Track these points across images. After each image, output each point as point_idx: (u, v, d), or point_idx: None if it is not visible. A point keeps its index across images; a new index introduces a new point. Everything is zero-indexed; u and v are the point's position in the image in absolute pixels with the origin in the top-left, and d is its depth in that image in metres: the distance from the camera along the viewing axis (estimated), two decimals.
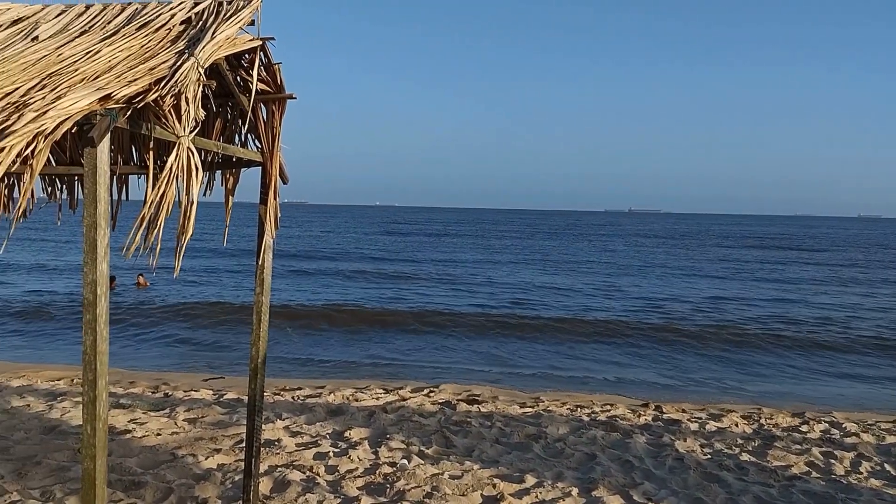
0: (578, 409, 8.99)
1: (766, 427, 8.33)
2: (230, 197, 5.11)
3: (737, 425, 8.36)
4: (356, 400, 9.06)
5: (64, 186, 5.44)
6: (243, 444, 6.63)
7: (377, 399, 9.18)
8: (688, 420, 8.55)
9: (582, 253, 45.95)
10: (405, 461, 6.46)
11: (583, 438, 7.49)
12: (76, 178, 5.41)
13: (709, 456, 7.06)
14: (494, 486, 5.91)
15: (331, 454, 6.60)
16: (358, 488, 5.76)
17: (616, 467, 6.58)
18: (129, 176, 5.26)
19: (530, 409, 8.87)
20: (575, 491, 5.89)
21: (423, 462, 6.45)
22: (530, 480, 6.09)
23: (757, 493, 6.04)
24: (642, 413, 8.90)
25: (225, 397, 8.94)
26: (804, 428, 8.34)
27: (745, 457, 7.06)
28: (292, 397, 9.12)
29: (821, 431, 8.20)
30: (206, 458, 6.29)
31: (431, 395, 9.67)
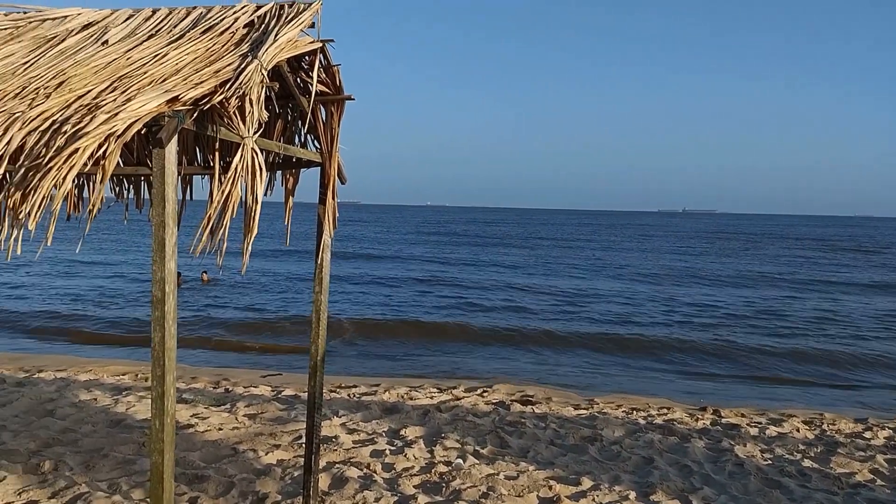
0: (634, 412, 8.87)
1: (828, 433, 8.09)
2: (290, 197, 5.19)
3: (798, 431, 8.14)
4: (410, 398, 9.11)
5: (131, 186, 5.60)
6: (302, 441, 6.75)
7: (431, 398, 9.21)
8: (747, 425, 8.36)
9: (639, 256, 44.16)
10: (460, 460, 6.47)
11: (639, 442, 7.38)
12: (143, 178, 5.57)
13: (770, 462, 6.89)
14: (550, 487, 5.87)
15: (387, 452, 6.64)
16: (414, 486, 5.79)
17: (674, 472, 6.47)
18: (193, 176, 5.39)
19: (585, 411, 8.79)
20: (632, 495, 5.80)
21: (478, 462, 6.45)
22: (587, 483, 6.02)
23: (820, 500, 5.87)
24: (700, 417, 8.74)
25: (283, 394, 9.09)
26: (868, 434, 8.08)
27: (807, 463, 6.86)
28: (348, 395, 9.22)
29: (885, 438, 7.93)
30: (265, 454, 6.40)
31: (485, 395, 9.66)
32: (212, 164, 5.26)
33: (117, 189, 5.57)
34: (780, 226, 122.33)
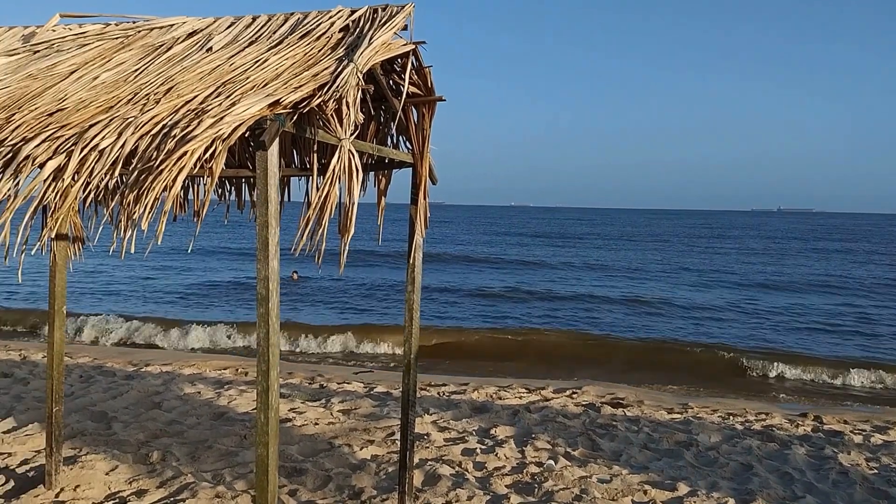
0: (731, 417, 8.58)
1: None
2: (382, 197, 5.27)
3: None
4: (499, 398, 9.10)
5: (232, 188, 5.81)
6: (395, 437, 6.84)
7: (520, 398, 9.18)
8: (850, 432, 7.97)
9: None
10: (552, 462, 6.41)
11: (737, 448, 7.13)
12: (243, 179, 5.77)
13: (876, 470, 6.55)
14: (645, 492, 5.74)
15: (478, 451, 6.65)
16: (506, 486, 5.77)
17: (774, 479, 6.22)
18: (290, 178, 5.55)
19: (678, 416, 8.57)
20: (731, 502, 5.61)
21: (569, 464, 6.37)
22: (683, 489, 5.86)
23: None
24: (800, 423, 8.38)
25: (375, 390, 9.24)
26: None
27: None
28: (438, 393, 9.30)
29: None
30: (360, 449, 6.52)
31: (574, 396, 9.55)
32: (308, 165, 5.41)
33: (219, 191, 5.79)
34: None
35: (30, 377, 9.23)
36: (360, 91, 3.38)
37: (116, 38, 4.21)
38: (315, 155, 3.91)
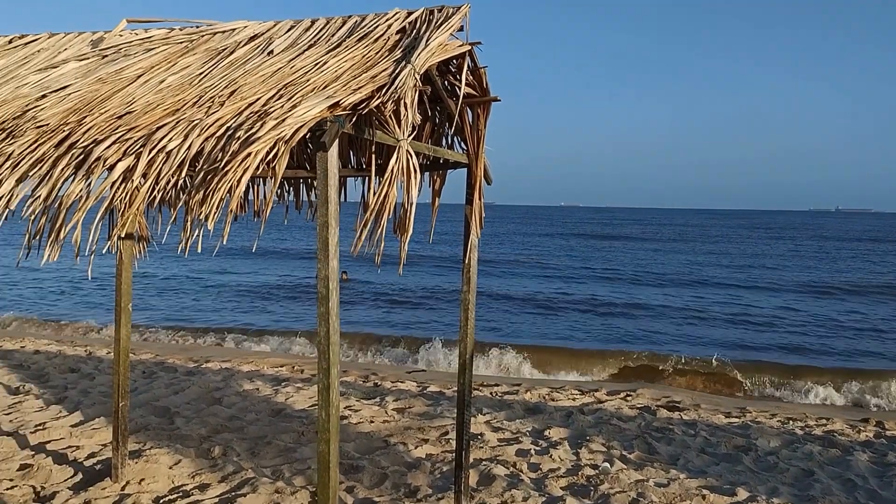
0: (790, 422, 8.37)
1: None
2: (437, 198, 5.30)
3: None
4: (552, 399, 9.05)
5: (291, 189, 5.91)
6: (448, 436, 6.87)
7: (573, 400, 9.11)
8: None
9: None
10: (607, 464, 6.35)
11: (797, 453, 6.96)
12: (301, 180, 5.86)
13: None
14: (704, 497, 5.64)
15: (532, 452, 6.63)
16: (562, 488, 5.74)
17: (837, 486, 6.06)
18: (346, 178, 5.61)
19: (736, 420, 8.39)
20: None
21: (625, 467, 6.30)
22: (742, 494, 5.74)
23: None
24: (862, 429, 8.14)
25: (428, 389, 9.28)
26: None
27: None
28: (490, 393, 9.29)
29: None
30: (415, 448, 6.56)
31: (629, 398, 9.43)
32: (365, 166, 5.47)
33: (279, 192, 5.90)
34: None
35: (95, 372, 9.54)
36: (417, 92, 3.41)
37: (181, 43, 4.33)
38: (374, 156, 3.95)
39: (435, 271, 28.31)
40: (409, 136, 3.39)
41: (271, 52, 3.97)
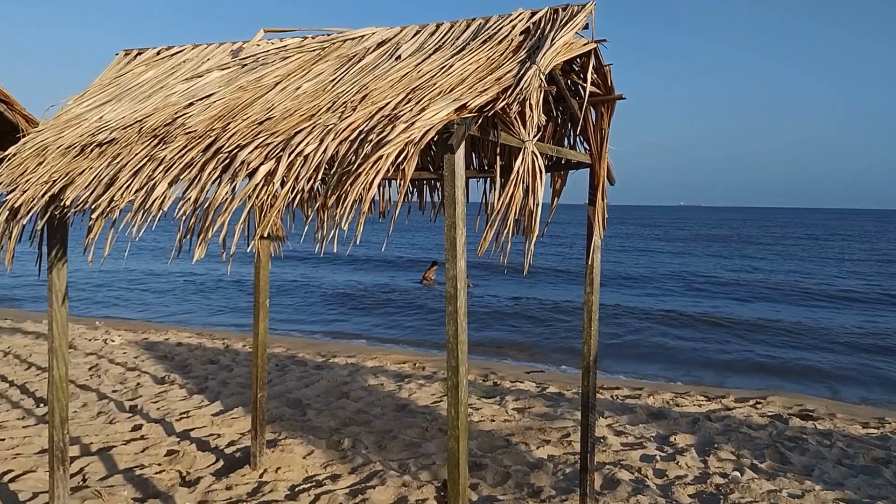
0: None
1: None
2: (556, 198, 5.27)
3: None
4: (676, 405, 8.77)
5: (415, 190, 6.04)
6: (570, 438, 6.81)
7: (699, 406, 8.79)
8: None
9: None
10: (737, 473, 6.11)
11: None
12: (424, 181, 5.98)
13: None
14: None
15: (657, 458, 6.47)
16: (689, 496, 5.58)
17: None
18: (469, 179, 5.68)
19: (874, 430, 7.85)
20: None
21: (756, 476, 6.04)
22: None
23: None
24: None
25: (547, 390, 9.23)
26: None
27: None
28: (611, 396, 9.13)
29: None
30: (536, 448, 6.56)
31: (758, 406, 8.99)
32: (487, 167, 5.52)
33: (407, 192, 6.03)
34: None
35: (233, 364, 10.12)
36: (542, 93, 3.40)
37: (314, 51, 4.51)
38: (499, 157, 3.97)
39: (552, 281, 26.55)
40: (534, 136, 3.40)
41: (399, 56, 4.07)
